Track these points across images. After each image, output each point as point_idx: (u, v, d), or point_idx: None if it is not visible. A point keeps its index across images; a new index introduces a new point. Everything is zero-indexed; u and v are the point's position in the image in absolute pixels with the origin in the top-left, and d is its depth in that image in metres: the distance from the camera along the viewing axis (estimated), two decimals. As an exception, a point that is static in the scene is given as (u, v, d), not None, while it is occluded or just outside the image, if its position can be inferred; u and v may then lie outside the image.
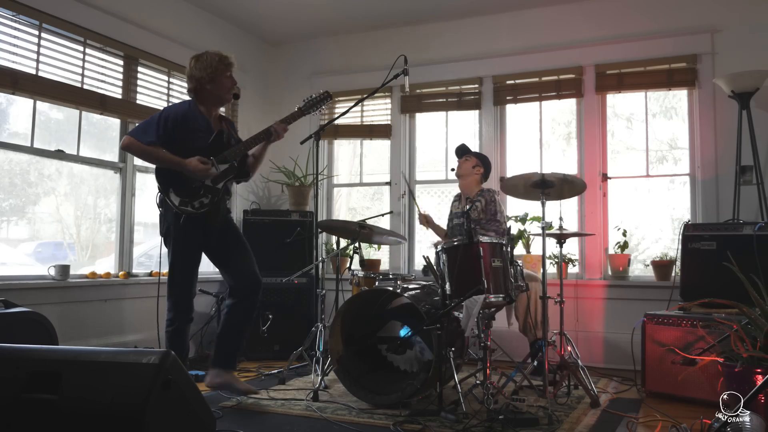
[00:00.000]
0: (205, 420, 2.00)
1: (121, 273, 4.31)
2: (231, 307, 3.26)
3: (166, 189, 3.15)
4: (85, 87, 4.06)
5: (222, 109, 3.54)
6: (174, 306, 3.18)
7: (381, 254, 5.42)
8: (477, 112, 5.17)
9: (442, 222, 4.37)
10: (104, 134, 4.43)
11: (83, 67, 4.06)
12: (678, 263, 4.01)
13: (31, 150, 3.83)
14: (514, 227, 4.67)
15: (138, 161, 4.53)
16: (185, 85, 4.87)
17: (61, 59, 3.93)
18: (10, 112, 3.87)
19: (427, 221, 4.27)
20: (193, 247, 3.21)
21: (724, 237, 3.70)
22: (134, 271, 4.45)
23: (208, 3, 4.96)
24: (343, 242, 4.40)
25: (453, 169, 4.19)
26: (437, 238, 4.28)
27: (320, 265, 4.09)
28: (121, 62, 4.37)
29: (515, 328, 3.86)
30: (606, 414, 3.09)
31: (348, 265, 3.99)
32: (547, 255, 3.39)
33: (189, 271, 3.21)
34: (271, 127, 3.29)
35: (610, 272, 4.66)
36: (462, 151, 4.20)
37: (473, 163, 4.12)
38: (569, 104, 4.98)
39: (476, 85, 5.13)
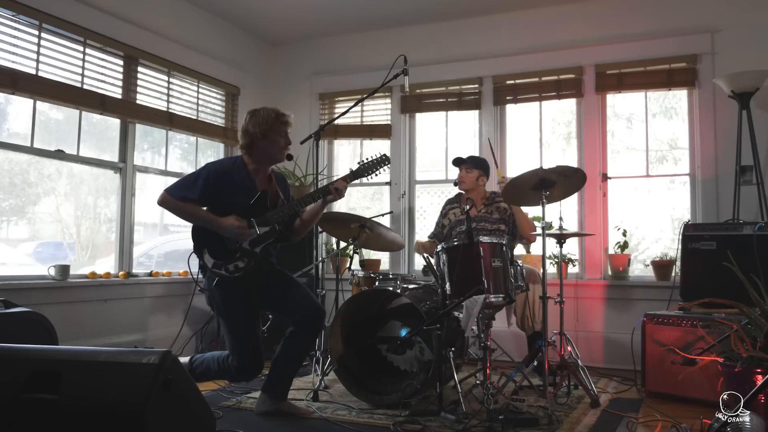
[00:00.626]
0: (205, 420, 2.00)
1: (121, 273, 4.31)
2: (293, 334, 3.02)
3: (201, 249, 2.95)
4: (85, 87, 4.06)
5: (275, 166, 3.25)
6: (239, 363, 2.98)
7: (381, 254, 5.42)
8: (477, 112, 5.17)
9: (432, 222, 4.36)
10: (104, 134, 4.43)
11: (83, 67, 4.06)
12: (678, 263, 4.01)
13: (31, 150, 3.83)
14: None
15: (137, 161, 4.54)
16: (185, 85, 4.97)
17: (61, 59, 3.93)
18: (9, 112, 3.87)
19: (424, 248, 4.21)
20: (237, 306, 2.98)
21: (724, 237, 3.70)
22: (134, 271, 4.45)
23: (208, 3, 4.96)
24: (343, 243, 4.39)
25: (456, 183, 4.08)
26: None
27: (320, 265, 4.09)
28: (121, 62, 4.37)
29: (515, 328, 3.86)
30: (606, 414, 3.09)
31: (348, 265, 3.99)
32: (547, 255, 3.39)
33: (242, 332, 2.98)
34: (330, 185, 2.98)
35: (610, 272, 4.66)
36: (460, 162, 4.11)
37: (476, 175, 4.03)
38: (569, 104, 4.98)
39: (476, 85, 5.13)
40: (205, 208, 2.97)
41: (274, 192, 3.08)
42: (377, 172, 3.10)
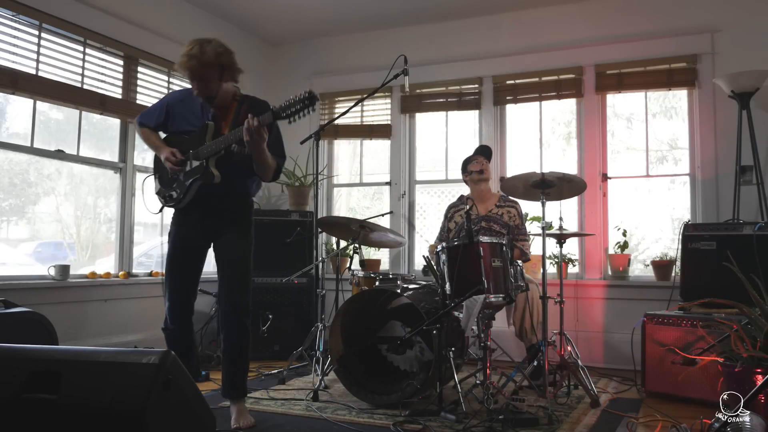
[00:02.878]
0: (205, 420, 1.99)
1: (121, 273, 4.31)
2: (221, 328, 2.94)
3: (154, 173, 3.02)
4: (85, 87, 4.06)
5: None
6: (167, 307, 2.92)
7: (381, 254, 5.42)
8: (477, 112, 5.17)
9: (437, 224, 4.35)
10: (104, 134, 4.43)
11: (83, 67, 4.06)
12: (678, 263, 4.01)
13: (31, 150, 3.83)
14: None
15: (138, 161, 4.54)
16: (185, 84, 4.94)
17: (61, 59, 3.93)
18: (9, 112, 3.87)
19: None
20: (176, 236, 2.94)
21: (724, 237, 3.70)
22: (134, 271, 4.46)
23: (208, 3, 4.96)
24: (343, 242, 4.40)
25: (481, 171, 4.02)
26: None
27: (320, 265, 4.09)
28: (121, 62, 4.37)
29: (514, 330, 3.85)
30: (606, 414, 3.09)
31: (348, 265, 3.99)
32: (547, 255, 3.39)
33: (174, 269, 2.91)
34: (244, 128, 2.61)
35: (610, 272, 4.66)
36: (489, 153, 4.17)
37: (489, 169, 4.13)
38: (569, 104, 4.98)
39: (476, 85, 5.13)
40: (164, 135, 2.98)
41: (226, 124, 2.83)
42: (302, 114, 2.68)
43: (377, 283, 3.74)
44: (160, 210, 3.05)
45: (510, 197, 4.00)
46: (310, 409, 3.12)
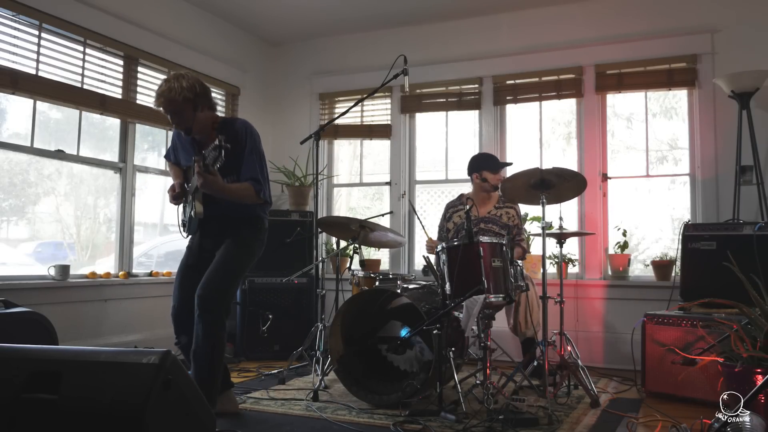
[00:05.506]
0: (205, 420, 1.99)
1: (121, 273, 4.31)
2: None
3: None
4: (85, 87, 4.06)
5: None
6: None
7: (381, 254, 5.42)
8: (477, 112, 5.16)
9: (435, 224, 4.35)
10: (104, 134, 4.43)
11: (83, 67, 4.06)
12: (678, 263, 4.01)
13: (31, 150, 3.83)
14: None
15: (137, 161, 4.54)
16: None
17: (61, 59, 3.93)
18: (9, 112, 3.86)
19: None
20: (187, 252, 3.11)
21: (724, 237, 3.70)
22: (134, 271, 4.45)
23: (208, 3, 4.96)
24: (343, 242, 4.39)
25: (497, 187, 3.96)
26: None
27: (320, 265, 4.09)
28: (121, 62, 4.37)
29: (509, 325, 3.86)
30: (606, 414, 3.09)
31: (348, 265, 3.99)
32: (547, 255, 3.39)
33: (178, 276, 3.04)
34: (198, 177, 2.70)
35: (610, 272, 4.66)
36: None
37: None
38: (569, 104, 4.98)
39: (476, 85, 5.13)
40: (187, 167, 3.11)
41: (206, 156, 2.72)
42: (218, 162, 2.61)
43: (377, 283, 3.74)
44: (188, 235, 3.16)
45: (506, 199, 3.99)
46: (310, 409, 3.12)
